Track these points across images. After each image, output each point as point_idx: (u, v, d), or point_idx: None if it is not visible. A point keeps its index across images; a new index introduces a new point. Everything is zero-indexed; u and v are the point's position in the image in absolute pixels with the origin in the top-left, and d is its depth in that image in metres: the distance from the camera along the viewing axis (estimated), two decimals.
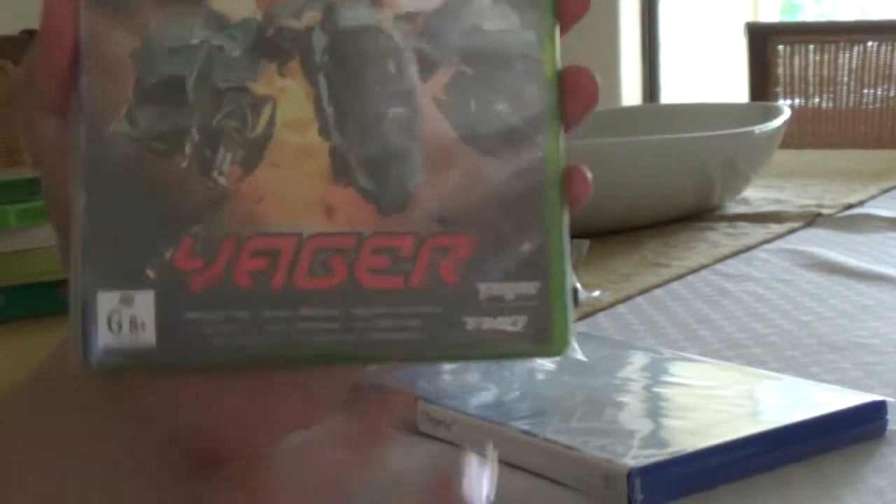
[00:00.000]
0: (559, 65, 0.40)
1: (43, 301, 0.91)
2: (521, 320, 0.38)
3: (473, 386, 0.65)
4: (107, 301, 0.38)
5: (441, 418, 0.61)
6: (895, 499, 0.52)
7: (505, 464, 0.57)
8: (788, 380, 0.65)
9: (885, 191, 1.36)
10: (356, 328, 0.38)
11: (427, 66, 0.39)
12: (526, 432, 0.57)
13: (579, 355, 0.39)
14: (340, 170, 0.39)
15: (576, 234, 1.25)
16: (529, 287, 0.38)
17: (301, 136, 0.39)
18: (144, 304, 0.38)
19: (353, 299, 0.38)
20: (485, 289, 0.38)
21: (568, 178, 0.39)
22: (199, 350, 0.38)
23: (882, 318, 0.82)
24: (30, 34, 1.93)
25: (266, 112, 0.39)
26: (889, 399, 0.60)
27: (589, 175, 0.40)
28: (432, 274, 0.38)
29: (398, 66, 0.39)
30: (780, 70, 2.85)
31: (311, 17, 0.39)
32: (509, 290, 0.38)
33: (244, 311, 0.38)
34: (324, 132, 0.39)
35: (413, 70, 0.39)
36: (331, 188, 0.39)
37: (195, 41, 0.39)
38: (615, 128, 1.43)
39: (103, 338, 0.38)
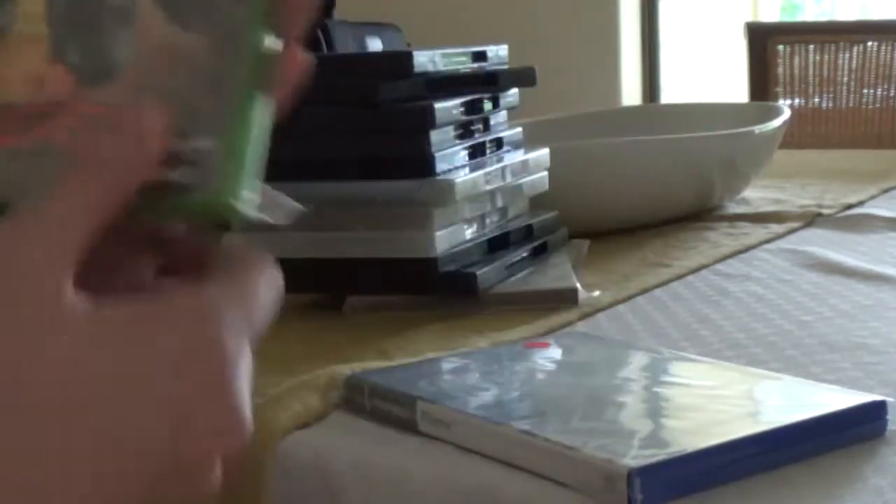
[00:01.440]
0: None
1: None
2: (193, 173, 0.41)
3: (473, 386, 0.65)
4: None
5: (441, 418, 0.61)
6: (895, 499, 0.52)
7: (505, 464, 0.57)
8: (788, 380, 0.65)
9: (885, 191, 1.36)
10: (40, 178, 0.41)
11: None
12: (526, 432, 0.57)
13: (255, 213, 0.41)
14: (58, 51, 0.42)
15: (576, 234, 1.25)
16: (205, 143, 0.41)
17: (33, 27, 0.43)
18: None
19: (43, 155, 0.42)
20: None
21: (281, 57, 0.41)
22: None
23: (882, 318, 0.82)
24: None
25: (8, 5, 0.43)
26: (889, 399, 0.60)
27: (301, 55, 0.42)
28: None
29: None
30: (780, 70, 2.85)
31: None
32: (186, 146, 0.41)
33: None
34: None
35: None
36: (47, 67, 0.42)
37: None
38: (615, 128, 1.43)
39: None
